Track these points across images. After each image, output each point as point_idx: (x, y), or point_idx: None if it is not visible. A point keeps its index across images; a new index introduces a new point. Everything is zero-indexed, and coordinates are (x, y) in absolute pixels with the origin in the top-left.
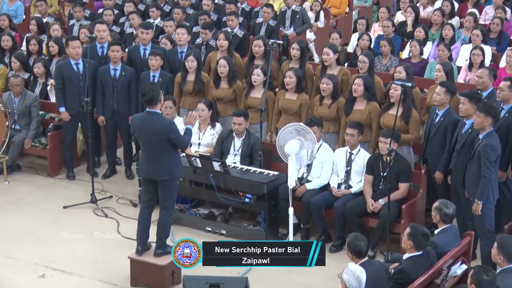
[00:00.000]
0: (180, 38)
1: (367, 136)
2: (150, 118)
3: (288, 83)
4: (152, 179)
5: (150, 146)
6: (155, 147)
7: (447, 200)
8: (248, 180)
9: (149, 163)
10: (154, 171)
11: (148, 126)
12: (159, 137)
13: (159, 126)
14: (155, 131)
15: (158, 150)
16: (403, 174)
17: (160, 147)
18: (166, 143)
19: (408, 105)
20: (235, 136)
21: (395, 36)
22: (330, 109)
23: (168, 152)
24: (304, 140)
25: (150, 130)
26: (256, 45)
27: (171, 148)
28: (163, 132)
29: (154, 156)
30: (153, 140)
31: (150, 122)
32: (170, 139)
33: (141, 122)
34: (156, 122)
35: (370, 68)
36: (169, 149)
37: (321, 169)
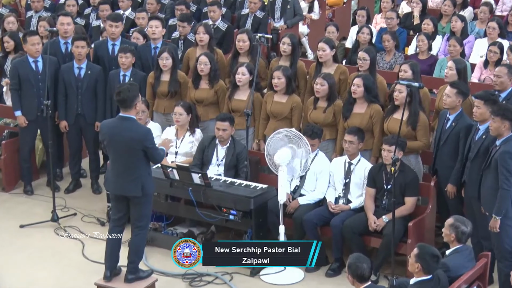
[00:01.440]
0: (153, 31)
1: (369, 144)
2: (123, 124)
3: (277, 84)
4: (121, 195)
5: (121, 156)
6: (127, 158)
7: (463, 217)
8: (232, 195)
9: (119, 177)
10: (125, 187)
11: (120, 133)
12: (132, 146)
13: (133, 134)
14: (129, 140)
15: (131, 162)
16: (410, 187)
17: (133, 158)
18: (140, 154)
19: (415, 108)
20: (218, 143)
21: (399, 29)
22: (325, 113)
23: (141, 165)
24: (296, 148)
25: (122, 138)
26: (241, 40)
27: (145, 160)
28: (138, 140)
29: (126, 168)
30: (126, 150)
31: (123, 129)
32: (146, 149)
33: (112, 128)
34: (130, 129)
35: (372, 66)
36: (142, 162)
37: (316, 181)
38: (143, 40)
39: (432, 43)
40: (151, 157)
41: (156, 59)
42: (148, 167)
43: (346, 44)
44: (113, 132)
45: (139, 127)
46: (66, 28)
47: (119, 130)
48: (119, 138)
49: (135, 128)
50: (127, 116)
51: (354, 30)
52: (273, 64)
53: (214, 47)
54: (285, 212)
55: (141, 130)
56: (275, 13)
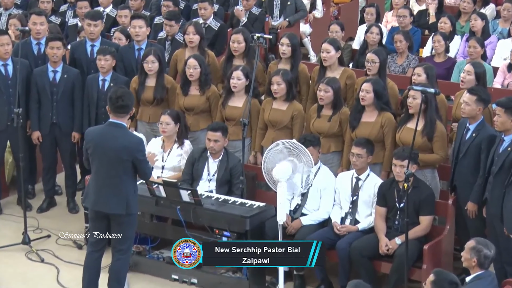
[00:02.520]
0: (137, 31)
1: (379, 157)
2: (113, 131)
3: (276, 90)
4: (103, 213)
5: (106, 168)
6: (113, 170)
7: (485, 239)
8: (226, 214)
9: (101, 191)
10: (107, 203)
11: (109, 141)
12: (121, 156)
13: (124, 143)
14: (118, 149)
15: (116, 175)
16: (425, 205)
17: (120, 171)
18: (128, 167)
19: (431, 117)
20: (210, 156)
21: (413, 28)
22: (330, 123)
23: (128, 179)
24: (297, 162)
25: (111, 147)
26: (236, 41)
27: (133, 174)
28: (128, 150)
29: (110, 182)
30: (113, 160)
31: (113, 136)
32: (136, 161)
33: (100, 135)
34: (121, 137)
35: (382, 70)
36: (130, 175)
37: (319, 199)
38: (125, 41)
39: (450, 44)
40: (141, 171)
41: (140, 62)
42: (135, 183)
43: (353, 45)
44: (101, 139)
45: (131, 136)
46: (39, 28)
47: (107, 137)
48: (106, 146)
49: (127, 136)
50: (119, 122)
51: (362, 29)
52: (272, 68)
53: (205, 49)
54: (285, 234)
55: (133, 139)
56: (273, 11)
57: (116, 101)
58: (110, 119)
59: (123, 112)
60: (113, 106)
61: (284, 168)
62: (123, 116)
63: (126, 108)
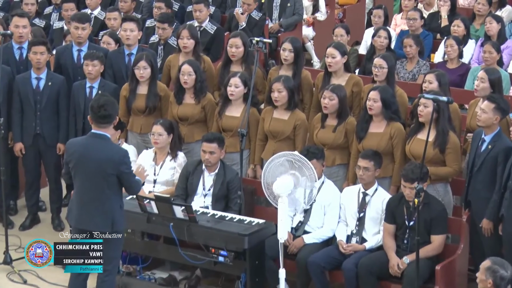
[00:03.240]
0: (128, 35)
1: (388, 170)
2: (96, 143)
3: (277, 98)
4: (87, 231)
5: (90, 182)
6: (97, 184)
7: (502, 259)
8: (222, 232)
9: (84, 208)
10: (91, 220)
11: (92, 153)
12: (105, 170)
13: (108, 155)
14: (102, 162)
15: (101, 190)
16: (437, 223)
17: (104, 185)
18: (113, 181)
19: (443, 127)
20: (205, 169)
21: (424, 32)
22: (335, 133)
23: (113, 195)
24: (300, 175)
25: (94, 159)
26: (234, 45)
27: (118, 189)
28: (113, 163)
29: (94, 198)
30: (96, 174)
31: (96, 148)
32: (121, 175)
33: (82, 147)
34: (105, 149)
35: (390, 76)
36: (115, 190)
37: (323, 216)
38: (115, 45)
39: (463, 49)
40: (127, 186)
41: (130, 68)
42: (121, 199)
43: (359, 50)
44: (83, 151)
45: (115, 148)
46: (21, 31)
47: (90, 149)
48: (89, 159)
49: (110, 148)
50: (102, 133)
51: (369, 33)
52: (272, 74)
53: (200, 54)
54: (287, 253)
55: (117, 151)
56: (273, 13)
57: (98, 111)
58: (92, 129)
59: (106, 122)
60: (95, 116)
61: (285, 182)
62: (106, 126)
63: (109, 118)
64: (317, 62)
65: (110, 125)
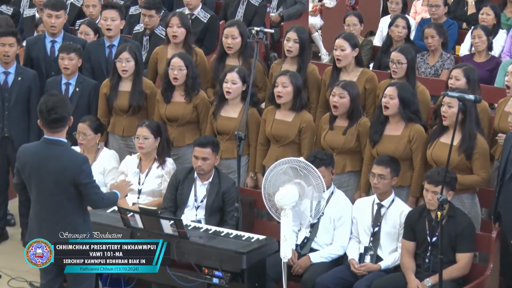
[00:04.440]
0: (109, 25)
1: (406, 178)
2: (49, 150)
3: (281, 94)
4: None
5: (46, 195)
6: (54, 197)
7: None
8: (217, 249)
9: (43, 224)
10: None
11: (45, 162)
12: (62, 180)
13: (63, 163)
14: (57, 171)
15: (59, 203)
16: (463, 240)
17: (62, 197)
18: (71, 192)
19: (470, 130)
20: (197, 178)
21: (448, 20)
22: (346, 136)
23: (74, 208)
24: (306, 185)
25: (48, 169)
26: (230, 36)
27: (78, 201)
28: (68, 172)
29: (52, 213)
30: (53, 185)
31: (50, 156)
32: (79, 186)
33: (35, 155)
34: (60, 157)
35: (410, 72)
36: (76, 202)
37: (332, 231)
38: (94, 36)
39: (493, 40)
40: (87, 198)
41: (112, 61)
42: (83, 212)
43: (374, 41)
44: (37, 161)
45: (73, 154)
46: None
47: (44, 158)
48: (43, 169)
49: (66, 155)
50: (56, 139)
51: (386, 22)
52: (274, 69)
53: (192, 45)
54: (291, 274)
55: (73, 158)
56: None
57: (48, 114)
58: (45, 135)
59: (59, 126)
60: (45, 120)
61: (289, 193)
62: (60, 130)
63: (61, 122)
64: (326, 55)
65: (64, 129)
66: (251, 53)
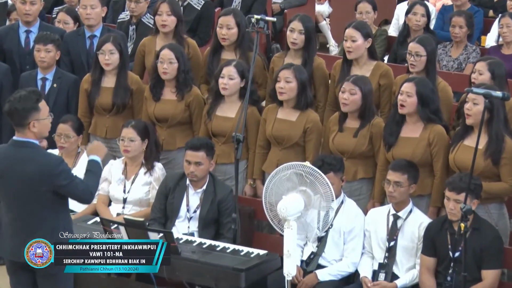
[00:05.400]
0: (88, 13)
1: (425, 186)
2: (19, 153)
3: (283, 91)
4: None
5: (19, 204)
6: (27, 205)
7: None
8: (212, 265)
9: (16, 235)
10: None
11: (16, 167)
12: (36, 187)
13: (36, 167)
14: (30, 177)
15: (33, 212)
16: (490, 255)
17: (37, 205)
18: (47, 199)
19: (497, 131)
20: (190, 185)
21: (472, 7)
22: (357, 138)
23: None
24: (312, 193)
25: (19, 175)
26: (225, 25)
27: (57, 208)
28: (43, 176)
29: (26, 222)
30: (26, 193)
31: (19, 160)
32: (60, 189)
33: (5, 159)
34: (30, 160)
35: (430, 66)
36: (53, 209)
37: (342, 245)
38: (73, 25)
39: None
40: (73, 198)
41: (94, 54)
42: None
43: (389, 30)
44: (5, 166)
45: (47, 157)
46: None
47: (13, 162)
48: (14, 174)
49: (39, 158)
50: (24, 140)
51: (402, 9)
52: (276, 63)
53: (184, 36)
54: None
55: (47, 161)
56: None
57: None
58: (14, 136)
59: (14, 123)
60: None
61: (293, 202)
62: (21, 129)
63: (14, 117)
64: (335, 47)
65: (23, 128)
66: (250, 46)
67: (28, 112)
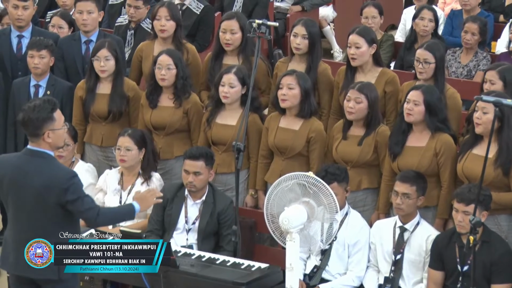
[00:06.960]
0: (84, 20)
1: (432, 197)
2: (31, 163)
3: (286, 98)
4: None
5: (27, 215)
6: (36, 218)
7: None
8: (212, 279)
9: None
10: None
11: (26, 176)
12: (45, 200)
13: (45, 178)
14: (40, 189)
15: (41, 226)
16: (500, 268)
17: (44, 219)
18: (57, 213)
19: (508, 140)
20: (188, 196)
21: (482, 12)
22: (362, 147)
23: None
24: (315, 204)
25: (30, 186)
26: (228, 30)
27: (66, 223)
28: (51, 189)
29: (33, 235)
30: (34, 205)
31: (32, 170)
32: (67, 205)
33: (15, 168)
34: (43, 172)
35: (438, 72)
36: (61, 225)
37: (347, 258)
38: (68, 30)
39: None
40: (78, 216)
41: (89, 59)
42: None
43: (395, 36)
44: (16, 174)
45: (60, 170)
46: None
47: (25, 171)
48: (24, 185)
49: (49, 169)
50: (39, 150)
51: (409, 13)
52: (279, 68)
53: (182, 41)
54: None
55: (57, 173)
56: None
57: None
58: (29, 145)
59: (28, 133)
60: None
61: (296, 213)
62: (35, 139)
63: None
64: (339, 53)
65: (37, 138)
66: (252, 50)
67: (42, 122)
